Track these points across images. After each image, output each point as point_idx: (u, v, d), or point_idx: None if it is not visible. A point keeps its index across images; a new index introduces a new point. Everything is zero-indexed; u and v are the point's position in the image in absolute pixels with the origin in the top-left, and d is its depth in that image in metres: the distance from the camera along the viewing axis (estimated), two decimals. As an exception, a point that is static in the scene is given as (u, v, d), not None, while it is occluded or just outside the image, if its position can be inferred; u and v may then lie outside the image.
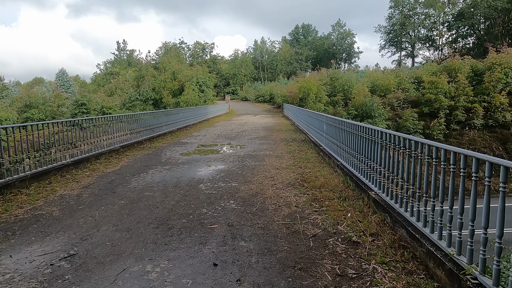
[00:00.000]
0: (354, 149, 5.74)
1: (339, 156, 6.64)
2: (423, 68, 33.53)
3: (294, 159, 7.97)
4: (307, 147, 9.82)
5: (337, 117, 7.07)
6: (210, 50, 76.20)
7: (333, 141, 7.23)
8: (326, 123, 8.16)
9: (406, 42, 67.63)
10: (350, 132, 6.04)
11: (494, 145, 26.04)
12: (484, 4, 55.31)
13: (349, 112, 27.26)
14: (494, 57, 27.76)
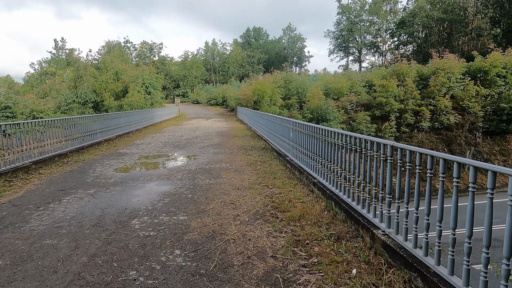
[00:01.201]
0: (341, 165, 4.49)
1: (316, 172, 5.37)
2: (374, 72, 34.28)
3: (257, 174, 6.56)
4: (270, 157, 8.48)
5: (312, 124, 5.80)
6: (158, 50, 72.54)
7: (306, 152, 5.97)
8: (294, 130, 6.87)
9: (354, 47, 70.12)
10: (333, 143, 4.78)
11: (440, 146, 26.98)
12: (422, 13, 59.00)
13: (304, 115, 26.67)
14: (437, 63, 28.95)
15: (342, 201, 4.22)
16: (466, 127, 27.30)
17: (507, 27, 52.14)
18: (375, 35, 69.71)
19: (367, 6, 69.69)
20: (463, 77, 28.36)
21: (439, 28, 60.98)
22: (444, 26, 60.23)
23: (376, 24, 69.56)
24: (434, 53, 31.17)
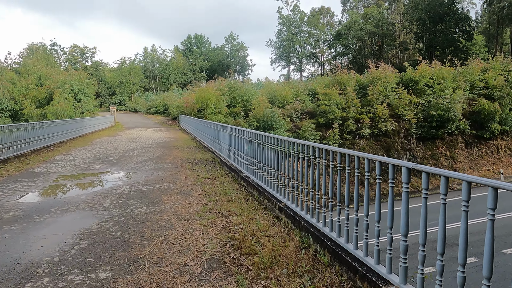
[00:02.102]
0: (318, 188, 3.58)
1: (283, 194, 4.42)
2: (316, 80, 34.99)
3: (207, 196, 5.41)
4: (220, 173, 7.35)
5: (275, 136, 4.84)
6: (91, 55, 67.20)
7: (267, 169, 4.99)
8: (250, 142, 5.86)
9: (295, 57, 72.03)
10: (303, 158, 3.86)
11: (380, 152, 28.08)
12: (356, 27, 62.75)
13: (250, 124, 25.95)
14: (374, 72, 30.35)
15: (322, 235, 3.30)
16: (402, 133, 28.83)
17: (429, 42, 57.50)
18: (314, 46, 72.52)
19: (306, 18, 72.28)
20: (397, 86, 30.03)
21: (372, 41, 65.38)
22: (376, 39, 64.72)
23: (315, 36, 72.43)
24: (371, 64, 32.66)
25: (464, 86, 31.17)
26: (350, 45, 66.75)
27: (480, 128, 29.59)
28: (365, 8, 73.29)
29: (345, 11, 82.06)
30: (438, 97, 29.43)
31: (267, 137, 5.01)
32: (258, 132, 5.43)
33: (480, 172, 28.85)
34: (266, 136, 5.06)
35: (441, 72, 31.47)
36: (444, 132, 28.74)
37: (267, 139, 5.01)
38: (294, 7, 73.77)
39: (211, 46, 79.47)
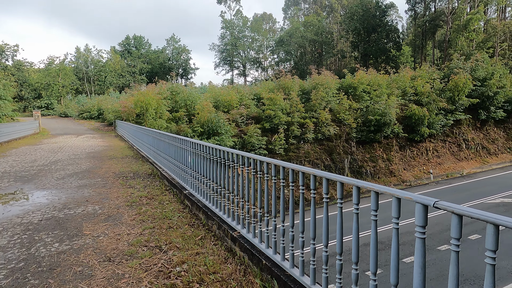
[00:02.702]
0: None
1: (235, 219, 3.64)
2: (261, 85, 34.89)
3: (143, 222, 4.42)
4: (160, 189, 6.34)
5: (225, 149, 4.05)
6: (12, 54, 60.07)
7: (216, 188, 4.17)
8: (195, 154, 4.99)
9: (238, 61, 71.87)
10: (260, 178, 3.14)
11: (324, 156, 28.71)
12: (297, 34, 64.63)
13: (194, 129, 24.78)
14: (317, 78, 31.10)
15: (292, 280, 2.59)
16: (344, 137, 29.81)
17: (364, 51, 61.19)
18: (258, 51, 73.15)
19: (249, 23, 72.66)
20: (338, 92, 31.08)
21: (312, 48, 67.83)
22: (316, 46, 67.26)
23: (258, 41, 73.10)
24: (313, 70, 33.43)
25: (397, 92, 33.35)
26: (292, 52, 68.54)
27: (411, 132, 31.78)
28: (305, 16, 76.02)
29: (287, 19, 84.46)
30: (375, 102, 31.03)
31: (214, 150, 4.22)
32: (204, 143, 4.60)
33: (412, 172, 30.90)
34: (213, 148, 4.26)
35: (377, 79, 33.36)
36: (381, 135, 30.33)
37: (214, 152, 4.22)
38: (237, 12, 73.83)
39: (152, 48, 76.10)
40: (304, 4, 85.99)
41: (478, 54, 37.53)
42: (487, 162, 34.26)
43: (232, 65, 72.22)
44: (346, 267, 2.79)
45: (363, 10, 59.17)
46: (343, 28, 66.21)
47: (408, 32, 72.75)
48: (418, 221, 2.04)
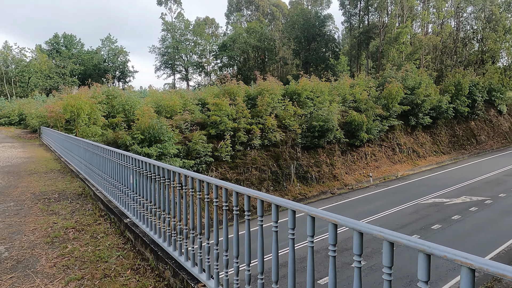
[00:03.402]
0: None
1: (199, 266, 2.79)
2: (206, 90, 33.80)
3: (67, 270, 3.36)
4: (93, 215, 5.19)
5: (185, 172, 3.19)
6: None
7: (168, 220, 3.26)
8: (139, 174, 4.02)
9: (180, 65, 69.67)
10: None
11: (271, 162, 28.57)
12: (241, 39, 64.66)
13: (134, 136, 22.91)
14: (262, 84, 31.00)
15: None
16: (289, 143, 30.02)
17: (305, 58, 63.30)
18: (201, 56, 71.63)
19: (191, 27, 70.93)
20: (283, 98, 31.31)
21: (255, 54, 68.37)
22: (259, 53, 67.92)
23: (201, 45, 71.64)
24: (258, 76, 33.34)
25: (337, 99, 34.68)
26: (235, 57, 68.36)
27: (352, 137, 33.18)
28: (248, 23, 76.50)
29: (230, 24, 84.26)
30: (318, 109, 31.83)
31: (164, 170, 3.34)
32: (151, 161, 3.68)
33: (354, 176, 32.18)
34: (163, 168, 3.38)
35: (319, 86, 34.37)
36: (325, 141, 31.16)
37: (165, 173, 3.34)
38: (178, 14, 71.70)
39: (85, 49, 70.51)
40: (247, 11, 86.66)
41: (408, 65, 40.75)
42: (417, 165, 37.09)
43: (174, 69, 69.75)
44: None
45: (303, 19, 61.27)
46: (285, 36, 67.89)
47: (344, 43, 77.10)
48: (330, 240, 2.05)
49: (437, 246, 1.61)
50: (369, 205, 24.51)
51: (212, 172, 25.65)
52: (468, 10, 52.46)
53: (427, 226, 19.62)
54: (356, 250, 1.94)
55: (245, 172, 26.93)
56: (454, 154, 41.53)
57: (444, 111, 40.72)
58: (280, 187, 27.89)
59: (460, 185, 27.95)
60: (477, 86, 45.50)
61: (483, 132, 47.33)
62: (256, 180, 27.00)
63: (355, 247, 1.93)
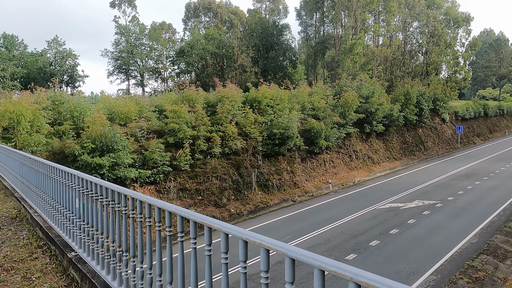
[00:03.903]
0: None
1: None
2: (164, 97, 32.43)
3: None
4: (28, 247, 4.27)
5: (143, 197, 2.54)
6: None
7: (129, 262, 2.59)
8: (88, 197, 3.27)
9: (135, 70, 66.94)
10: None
11: (231, 171, 27.98)
12: (199, 46, 63.69)
13: (83, 146, 21.13)
14: (222, 91, 30.44)
15: None
16: (250, 151, 29.67)
17: (263, 66, 63.81)
18: (157, 61, 69.40)
19: (146, 31, 68.59)
20: (243, 105, 30.98)
21: (214, 61, 67.68)
22: (217, 59, 67.34)
23: (157, 50, 69.46)
24: (218, 82, 32.75)
25: (297, 107, 35.08)
26: (194, 63, 67.14)
27: (311, 144, 33.66)
28: (206, 29, 75.73)
29: (187, 30, 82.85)
30: (279, 116, 31.91)
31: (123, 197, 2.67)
32: (104, 183, 2.97)
33: (313, 183, 32.57)
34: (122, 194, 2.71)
35: (279, 94, 34.54)
36: (285, 148, 31.24)
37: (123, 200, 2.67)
38: (133, 18, 69.12)
39: (29, 50, 65.23)
40: (205, 17, 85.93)
41: (362, 75, 42.50)
42: (372, 171, 38.51)
43: (128, 74, 66.80)
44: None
45: (262, 28, 61.89)
46: (244, 43, 68.10)
47: (301, 52, 79.10)
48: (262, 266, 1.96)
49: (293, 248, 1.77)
50: (329, 212, 24.78)
51: (170, 182, 24.48)
52: (414, 25, 56.36)
53: (386, 231, 20.13)
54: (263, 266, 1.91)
55: (205, 181, 26.06)
56: (405, 159, 43.80)
57: (395, 119, 42.91)
58: (242, 196, 27.34)
59: (413, 190, 29.32)
60: (424, 95, 48.67)
61: (430, 138, 50.62)
62: (217, 189, 26.23)
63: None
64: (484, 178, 32.87)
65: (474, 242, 18.17)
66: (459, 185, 30.53)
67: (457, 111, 58.36)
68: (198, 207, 24.56)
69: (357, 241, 18.76)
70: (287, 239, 19.53)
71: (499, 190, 28.32)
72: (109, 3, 68.75)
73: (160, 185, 23.95)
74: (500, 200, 25.46)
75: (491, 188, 29.20)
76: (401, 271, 15.34)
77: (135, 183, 22.83)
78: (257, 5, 72.27)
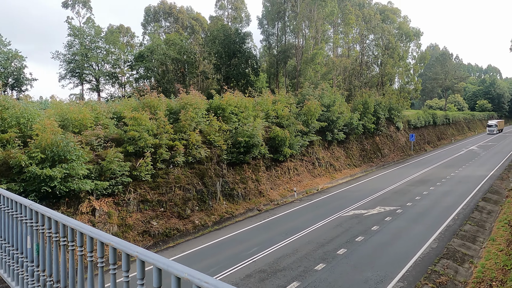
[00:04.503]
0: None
1: None
2: (123, 103, 30.65)
3: None
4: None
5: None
6: None
7: None
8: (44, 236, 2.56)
9: (90, 74, 63.39)
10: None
11: (196, 180, 27.03)
12: (160, 51, 61.86)
13: (31, 156, 19.18)
14: (186, 98, 29.47)
15: None
16: (215, 159, 28.92)
17: (226, 74, 63.32)
18: (114, 65, 66.30)
19: (103, 34, 65.41)
20: (207, 113, 30.23)
21: (175, 66, 66.04)
22: (178, 65, 65.79)
23: (114, 54, 66.43)
24: (181, 89, 31.74)
25: (261, 115, 34.97)
26: (153, 68, 65.03)
27: (275, 152, 33.63)
28: (166, 34, 73.87)
29: (146, 34, 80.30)
30: (243, 124, 31.52)
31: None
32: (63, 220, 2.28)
33: (278, 191, 32.46)
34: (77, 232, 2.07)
35: (243, 101, 34.21)
36: (250, 157, 30.87)
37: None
38: (88, 19, 65.74)
39: (-35, 49, 59.28)
40: (165, 22, 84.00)
41: (323, 84, 43.52)
42: (334, 178, 39.31)
43: (82, 78, 63.02)
44: None
45: (224, 35, 61.54)
46: (206, 50, 67.26)
47: (263, 60, 79.79)
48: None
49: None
50: (296, 221, 24.68)
51: (130, 193, 23.02)
52: (370, 37, 59.14)
53: (351, 239, 20.33)
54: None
55: (167, 192, 24.86)
56: (364, 166, 45.31)
57: (355, 127, 44.35)
58: (206, 207, 26.45)
59: (374, 196, 30.19)
60: (380, 105, 50.95)
61: (386, 146, 52.97)
62: (180, 200, 25.14)
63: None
64: (437, 183, 34.77)
65: (434, 246, 18.87)
66: (416, 190, 31.98)
67: (409, 120, 61.85)
68: (160, 219, 23.31)
69: (324, 250, 18.71)
70: (255, 251, 19.04)
71: (452, 195, 30.04)
72: (61, 3, 64.85)
73: (119, 197, 22.42)
74: (453, 204, 26.96)
75: (444, 193, 30.90)
76: (370, 279, 15.43)
77: (91, 196, 21.15)
78: (219, 12, 72.03)
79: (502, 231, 20.13)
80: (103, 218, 21.16)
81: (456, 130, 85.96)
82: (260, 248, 19.49)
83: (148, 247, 21.50)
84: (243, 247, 19.73)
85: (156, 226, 22.90)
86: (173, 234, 22.82)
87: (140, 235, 21.86)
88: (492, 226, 22.05)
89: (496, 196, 29.24)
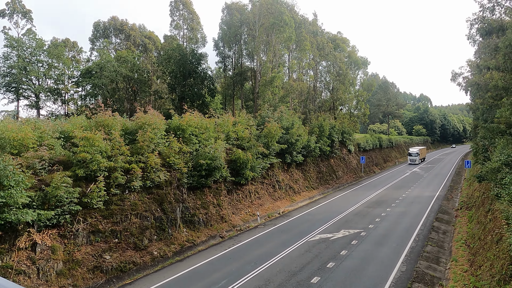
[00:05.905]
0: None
1: None
2: (72, 121, 27.66)
3: None
4: None
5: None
6: None
7: None
8: None
9: (29, 90, 57.74)
10: None
11: (154, 207, 24.90)
12: (110, 67, 58.61)
13: (-43, 182, 16.11)
14: (143, 117, 27.57)
15: None
16: (175, 183, 27.07)
17: (181, 94, 61.63)
18: (57, 81, 61.25)
19: (46, 47, 60.51)
20: (166, 134, 28.52)
21: (126, 85, 62.88)
22: (130, 83, 62.76)
23: (58, 69, 61.53)
24: (138, 108, 29.75)
25: (222, 136, 33.93)
26: (102, 86, 61.25)
27: (237, 175, 32.58)
28: (117, 51, 70.59)
29: (95, 50, 76.07)
30: (204, 146, 30.21)
31: None
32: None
33: (240, 216, 31.21)
34: None
35: (204, 122, 32.99)
36: (211, 180, 29.47)
37: None
38: (28, 31, 60.48)
39: None
40: (116, 39, 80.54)
41: (282, 107, 43.96)
42: (294, 200, 39.08)
43: (19, 93, 57.13)
44: None
45: (180, 54, 60.34)
46: (160, 69, 65.26)
47: (217, 82, 79.47)
48: None
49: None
50: (262, 248, 23.59)
51: (79, 223, 20.30)
52: (323, 64, 61.91)
53: (323, 265, 19.74)
54: None
55: (123, 220, 22.43)
56: (321, 188, 45.91)
57: (312, 150, 45.08)
58: (165, 235, 24.33)
59: (336, 219, 30.26)
60: (334, 128, 52.73)
61: (340, 168, 54.56)
62: (137, 229, 22.80)
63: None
64: (392, 205, 36.09)
65: (403, 270, 18.95)
66: (374, 212, 32.75)
67: (359, 143, 64.87)
68: (114, 251, 20.79)
69: (298, 279, 17.84)
70: (223, 285, 17.55)
71: (408, 216, 31.19)
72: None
73: (66, 228, 19.62)
74: (412, 225, 27.89)
75: (401, 214, 32.02)
76: (349, 309, 14.77)
77: (31, 228, 18.21)
78: (174, 32, 70.76)
79: (461, 251, 20.95)
80: (45, 254, 18.25)
81: (399, 153, 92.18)
82: (228, 281, 18.02)
83: (99, 285, 18.90)
84: (210, 281, 18.12)
85: (109, 260, 20.31)
86: (129, 269, 20.41)
87: (90, 271, 19.18)
88: (451, 246, 22.96)
89: (447, 216, 30.94)
